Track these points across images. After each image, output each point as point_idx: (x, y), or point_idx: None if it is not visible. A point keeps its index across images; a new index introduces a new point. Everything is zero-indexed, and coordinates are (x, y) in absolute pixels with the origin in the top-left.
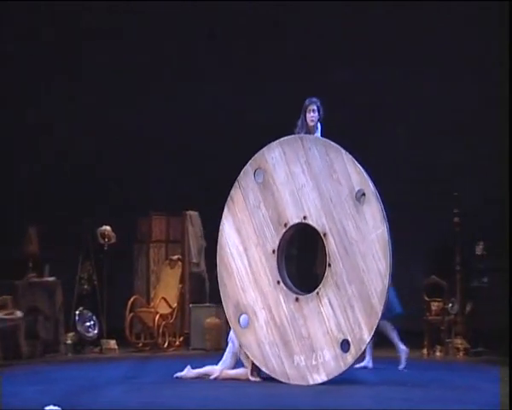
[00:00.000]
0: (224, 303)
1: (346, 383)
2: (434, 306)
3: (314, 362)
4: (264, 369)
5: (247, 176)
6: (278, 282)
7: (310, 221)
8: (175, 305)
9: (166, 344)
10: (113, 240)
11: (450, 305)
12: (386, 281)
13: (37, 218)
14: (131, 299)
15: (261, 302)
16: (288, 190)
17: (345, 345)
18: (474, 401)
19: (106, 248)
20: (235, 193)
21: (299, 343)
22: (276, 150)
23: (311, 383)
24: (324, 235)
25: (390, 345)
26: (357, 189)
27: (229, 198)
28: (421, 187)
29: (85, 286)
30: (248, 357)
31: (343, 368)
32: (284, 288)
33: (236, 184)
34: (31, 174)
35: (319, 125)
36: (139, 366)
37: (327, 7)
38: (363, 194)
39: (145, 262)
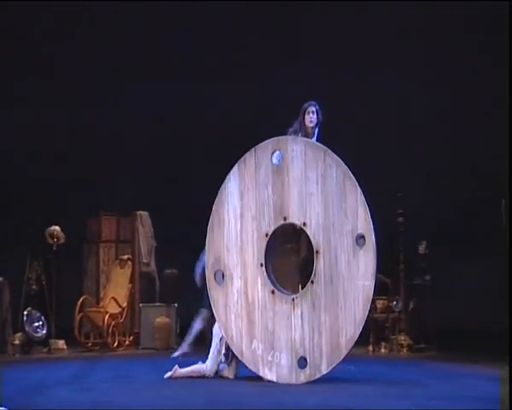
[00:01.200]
0: (206, 250)
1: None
2: (379, 304)
3: (270, 358)
4: (223, 333)
5: (264, 150)
6: (261, 265)
7: (308, 231)
8: (125, 305)
9: (116, 344)
10: (62, 240)
11: (395, 303)
12: (358, 331)
13: None
14: (81, 299)
15: (240, 271)
16: (298, 189)
17: (302, 362)
18: (419, 397)
19: (55, 248)
20: (249, 158)
21: (262, 332)
22: (300, 146)
23: (260, 374)
24: (317, 252)
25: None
26: (360, 232)
27: (242, 159)
28: (365, 187)
29: (33, 286)
30: (215, 356)
31: (293, 381)
32: (265, 274)
33: (253, 150)
34: None
35: (316, 129)
36: (88, 365)
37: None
38: (363, 237)
39: (95, 262)
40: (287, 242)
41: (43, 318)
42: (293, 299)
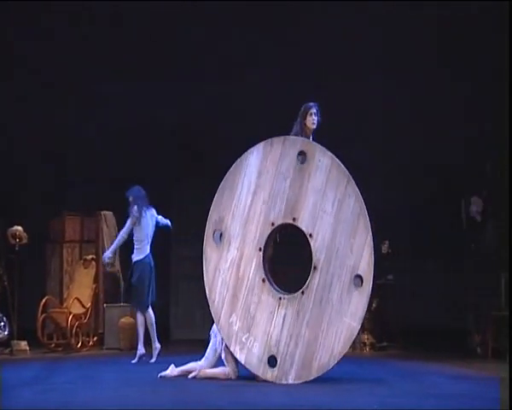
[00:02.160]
0: (212, 205)
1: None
2: None
3: (244, 339)
4: (207, 293)
5: (292, 145)
6: (260, 249)
7: (311, 243)
8: (89, 305)
9: (80, 344)
10: (24, 240)
11: None
12: (332, 363)
13: None
14: (44, 299)
15: (239, 243)
16: (314, 199)
17: (272, 361)
18: (382, 395)
19: (17, 249)
20: (277, 144)
21: (243, 310)
22: (327, 160)
23: (231, 349)
24: (315, 268)
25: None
26: (359, 273)
27: (269, 141)
28: None
29: None
30: (230, 357)
31: (259, 375)
32: (261, 260)
33: (282, 138)
34: None
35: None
36: (52, 366)
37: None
38: (361, 279)
39: (58, 262)
40: None
41: (4, 319)
42: (280, 297)
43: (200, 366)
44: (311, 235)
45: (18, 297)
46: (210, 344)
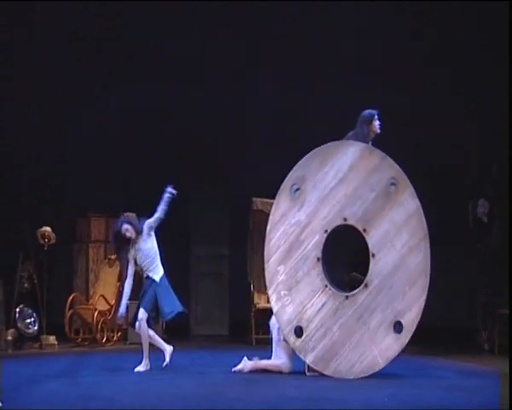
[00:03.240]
0: (298, 164)
1: (267, 372)
2: None
3: (282, 295)
4: (267, 229)
5: (387, 169)
6: (326, 231)
7: (371, 262)
8: (113, 302)
9: (105, 339)
10: (53, 240)
11: None
12: (348, 376)
13: None
14: (71, 296)
15: (310, 213)
16: (388, 229)
17: (299, 331)
18: (394, 388)
19: (46, 249)
20: (375, 156)
21: (291, 270)
22: (412, 204)
23: (269, 293)
24: (366, 285)
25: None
26: (402, 321)
27: (371, 148)
28: None
29: (26, 285)
30: (283, 351)
31: (284, 334)
32: (323, 241)
33: (382, 155)
34: None
35: None
36: (78, 360)
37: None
38: (401, 328)
39: (84, 261)
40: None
41: (34, 315)
42: (326, 285)
43: (280, 365)
44: (373, 255)
45: (47, 294)
46: (274, 340)
